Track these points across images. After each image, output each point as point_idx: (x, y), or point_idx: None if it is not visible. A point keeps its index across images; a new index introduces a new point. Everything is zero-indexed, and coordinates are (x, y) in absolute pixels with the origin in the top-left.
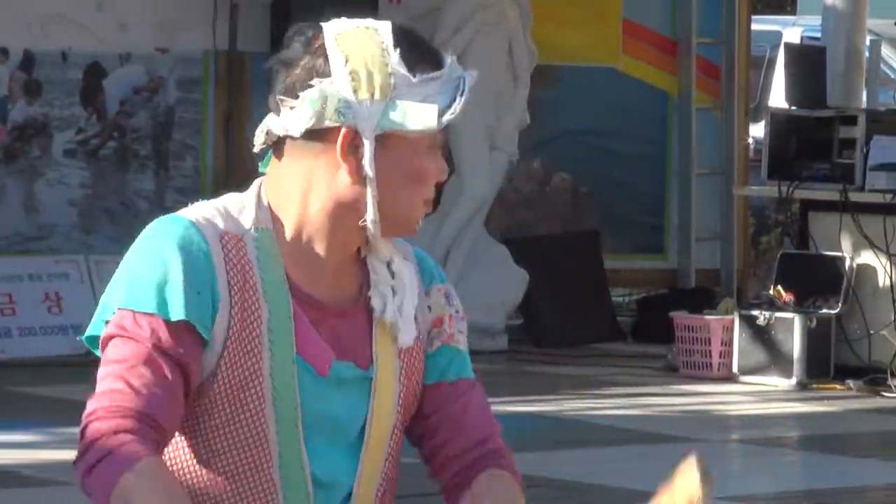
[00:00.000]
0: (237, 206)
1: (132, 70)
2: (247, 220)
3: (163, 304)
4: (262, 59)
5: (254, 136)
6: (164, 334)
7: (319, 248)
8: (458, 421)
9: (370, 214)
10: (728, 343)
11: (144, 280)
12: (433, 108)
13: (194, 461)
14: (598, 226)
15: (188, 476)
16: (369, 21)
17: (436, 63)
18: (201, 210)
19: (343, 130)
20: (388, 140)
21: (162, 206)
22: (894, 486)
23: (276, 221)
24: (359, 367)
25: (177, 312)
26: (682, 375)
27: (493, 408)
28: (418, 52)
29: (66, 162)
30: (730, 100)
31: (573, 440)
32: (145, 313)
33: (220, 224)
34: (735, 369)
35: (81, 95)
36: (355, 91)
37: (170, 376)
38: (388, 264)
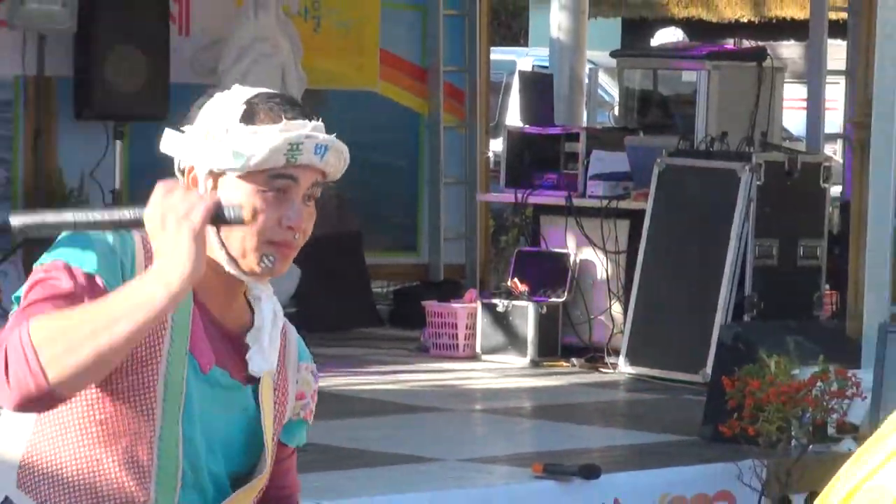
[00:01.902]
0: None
1: None
2: None
3: (80, 258)
4: (65, 82)
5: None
6: (81, 280)
7: (218, 273)
8: (283, 476)
9: (214, 246)
10: (472, 327)
11: (71, 243)
12: (242, 152)
13: (86, 423)
14: (360, 227)
15: (74, 440)
16: (260, 88)
17: (279, 116)
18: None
19: (191, 171)
20: (219, 178)
21: None
22: (609, 446)
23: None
24: (232, 378)
25: (90, 266)
26: (432, 355)
27: None
28: (270, 105)
29: None
30: (472, 119)
31: (339, 411)
32: (66, 263)
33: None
34: (478, 349)
35: None
36: (205, 135)
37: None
38: (259, 299)
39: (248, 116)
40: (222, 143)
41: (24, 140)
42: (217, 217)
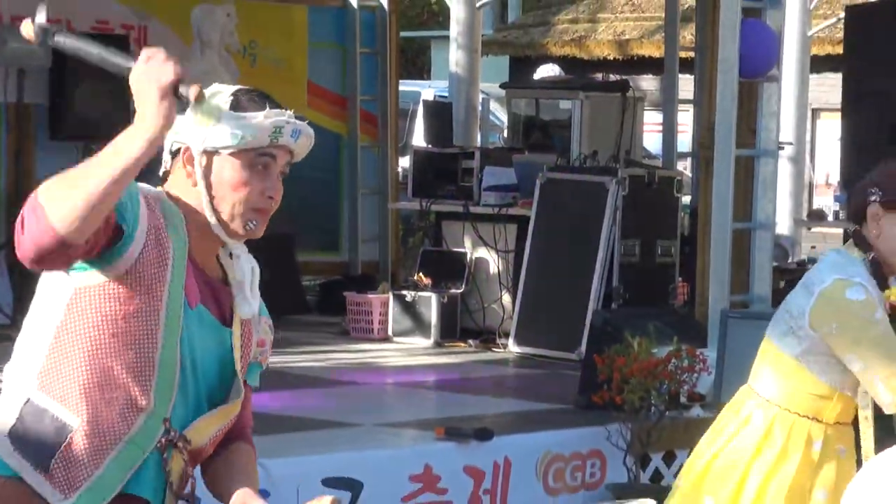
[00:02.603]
0: (155, 191)
1: None
2: (160, 195)
3: None
4: (41, 109)
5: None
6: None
7: (203, 234)
8: (241, 410)
9: (206, 212)
10: (385, 314)
11: None
12: (237, 133)
13: (99, 335)
14: (291, 231)
15: (88, 349)
16: (239, 86)
17: (262, 107)
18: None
19: (185, 149)
20: (213, 155)
21: None
22: (500, 413)
23: (182, 205)
24: (213, 315)
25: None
26: (352, 337)
27: None
28: (252, 98)
29: None
30: (384, 140)
31: (274, 384)
32: None
33: (144, 188)
34: (390, 332)
35: None
36: (194, 120)
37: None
38: (239, 257)
39: (236, 106)
40: (218, 127)
41: (6, 158)
42: (175, 88)
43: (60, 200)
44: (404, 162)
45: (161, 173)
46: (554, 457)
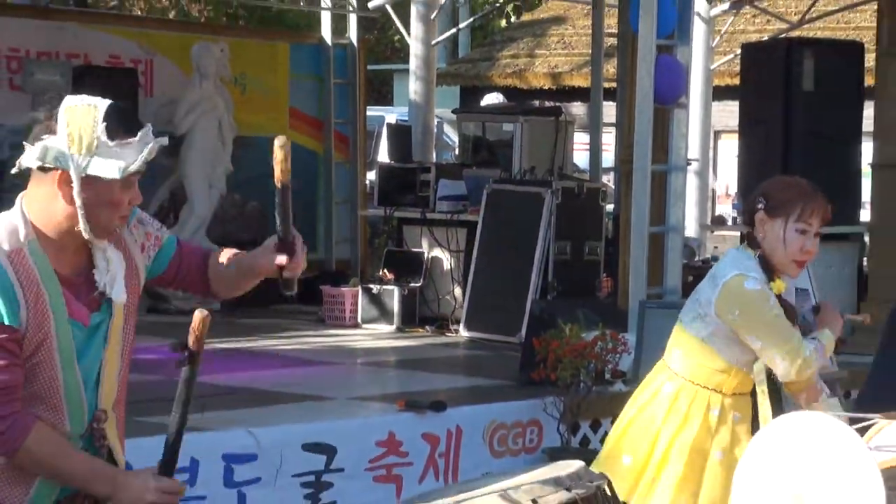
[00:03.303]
0: (11, 227)
1: None
2: (22, 236)
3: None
4: None
5: None
6: (3, 335)
7: (63, 244)
8: (190, 256)
9: (82, 226)
10: (355, 304)
11: None
12: (119, 164)
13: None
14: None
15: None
16: (95, 99)
17: (133, 130)
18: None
19: (59, 172)
20: (91, 180)
21: None
22: (452, 388)
23: (38, 232)
24: (101, 313)
25: (7, 319)
26: (327, 324)
27: (214, 346)
28: (121, 124)
29: None
30: (354, 157)
31: (260, 364)
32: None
33: (6, 246)
34: (359, 320)
35: None
36: (69, 147)
37: (18, 358)
38: (104, 252)
39: (113, 134)
40: (96, 158)
41: None
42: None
43: (29, 462)
44: (371, 175)
45: (14, 172)
46: (498, 425)
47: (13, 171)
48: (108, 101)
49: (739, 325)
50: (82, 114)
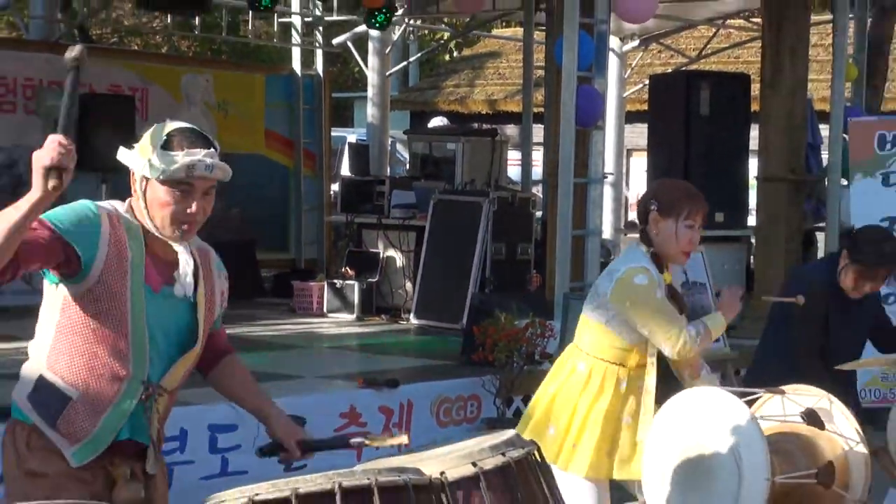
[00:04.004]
0: (118, 203)
1: None
2: (122, 210)
3: (61, 220)
4: None
5: (67, 192)
6: (50, 230)
7: (157, 232)
8: (220, 342)
9: (147, 221)
10: (321, 296)
11: (60, 212)
12: (160, 167)
13: (84, 330)
14: (254, 237)
15: (79, 341)
16: (175, 122)
17: (182, 147)
18: (105, 202)
19: (131, 173)
20: (146, 180)
21: None
22: (405, 367)
23: (139, 219)
24: (174, 291)
25: (64, 228)
26: (297, 314)
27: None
28: (181, 137)
29: None
30: (320, 171)
31: (238, 347)
32: (50, 220)
33: (109, 207)
34: (325, 310)
35: None
36: (139, 153)
37: (45, 243)
38: (183, 254)
39: (167, 144)
40: (149, 160)
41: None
42: (48, 172)
43: None
44: (335, 187)
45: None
46: (444, 399)
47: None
48: (180, 123)
49: (630, 314)
50: (155, 129)
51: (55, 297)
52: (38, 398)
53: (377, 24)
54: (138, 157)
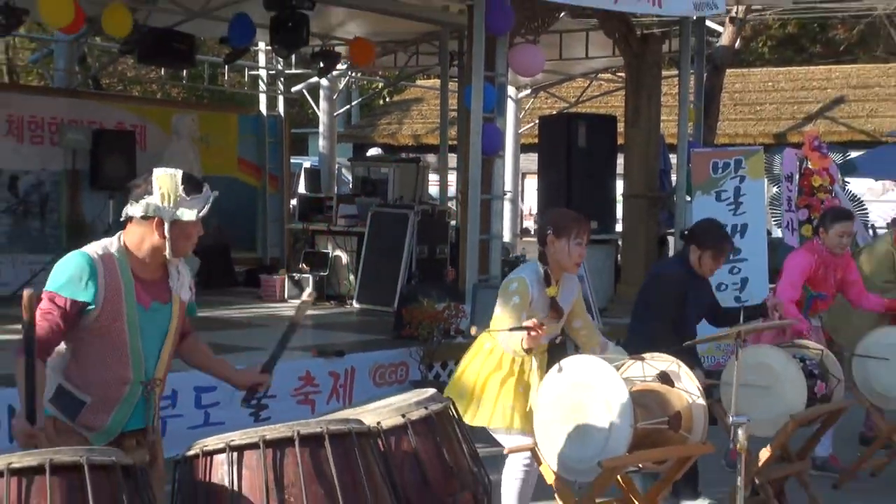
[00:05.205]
0: (107, 244)
1: None
2: (113, 250)
3: (62, 288)
4: (85, 172)
5: (84, 209)
6: (60, 301)
7: (147, 262)
8: (185, 326)
9: (168, 252)
10: (282, 286)
11: (59, 277)
12: (194, 212)
13: (93, 347)
14: (229, 240)
15: (90, 355)
16: (173, 170)
17: (200, 190)
18: (95, 245)
19: (156, 219)
20: (176, 222)
21: None
22: (349, 341)
23: (129, 253)
24: (161, 303)
25: (68, 293)
26: (263, 300)
27: None
28: (192, 185)
29: None
30: (282, 190)
31: (216, 327)
32: (55, 292)
33: (101, 251)
34: (285, 297)
35: None
36: (162, 202)
37: (60, 323)
38: (177, 267)
39: (188, 191)
40: (180, 208)
41: (65, 199)
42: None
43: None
44: (294, 202)
45: (122, 219)
46: (379, 366)
47: (121, 218)
48: (181, 171)
49: (501, 300)
50: (168, 180)
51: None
52: (58, 402)
53: (324, 75)
54: (165, 208)
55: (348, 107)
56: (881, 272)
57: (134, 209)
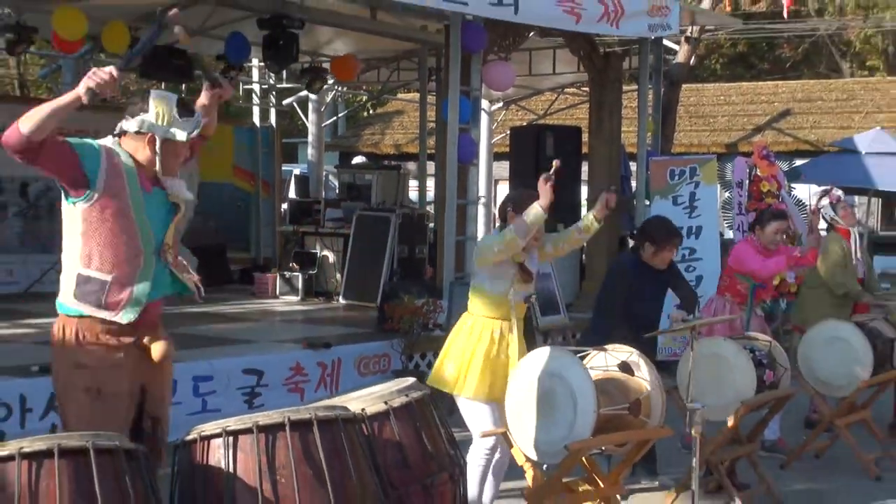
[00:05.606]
0: (108, 141)
1: None
2: (112, 144)
3: (75, 146)
4: None
5: None
6: (74, 152)
7: (150, 165)
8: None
9: (158, 168)
10: (275, 284)
11: (75, 141)
12: (185, 133)
13: (103, 230)
14: (224, 241)
15: (102, 239)
16: (168, 93)
17: (192, 113)
18: (104, 140)
19: (149, 135)
20: (167, 141)
21: None
22: (337, 334)
23: (131, 155)
24: (163, 189)
25: (77, 147)
26: (257, 296)
27: (184, 310)
28: (185, 108)
29: None
30: (274, 195)
31: (212, 321)
32: (70, 142)
33: (104, 143)
34: (277, 293)
35: None
36: (157, 120)
37: (64, 151)
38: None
39: (181, 114)
40: (173, 127)
41: None
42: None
43: (26, 119)
44: (285, 206)
45: (116, 133)
46: (364, 357)
47: (115, 132)
48: (176, 95)
49: (480, 252)
50: (164, 101)
51: (74, 214)
52: (82, 291)
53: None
54: (159, 126)
55: (335, 118)
56: (836, 272)
57: (129, 124)
